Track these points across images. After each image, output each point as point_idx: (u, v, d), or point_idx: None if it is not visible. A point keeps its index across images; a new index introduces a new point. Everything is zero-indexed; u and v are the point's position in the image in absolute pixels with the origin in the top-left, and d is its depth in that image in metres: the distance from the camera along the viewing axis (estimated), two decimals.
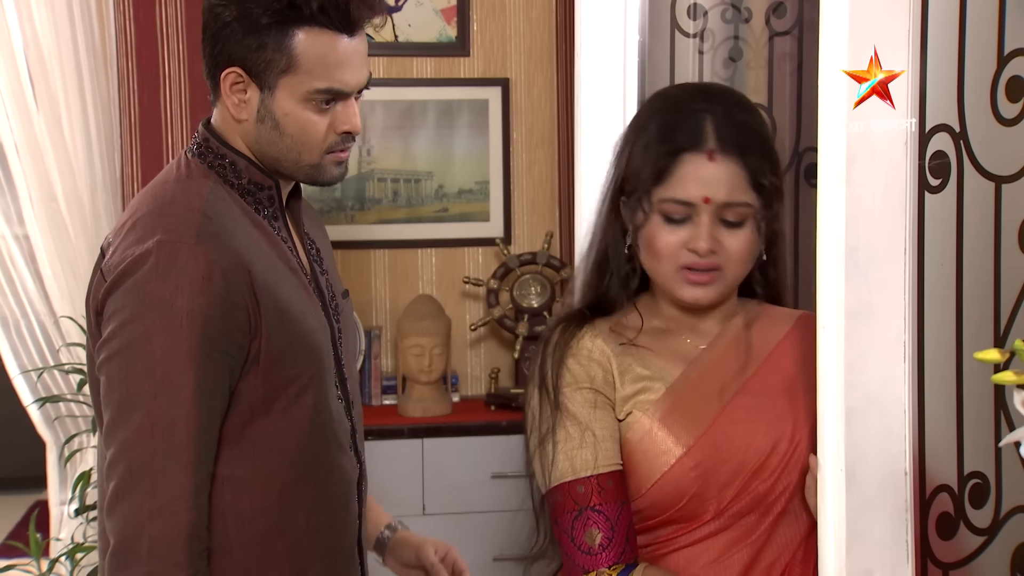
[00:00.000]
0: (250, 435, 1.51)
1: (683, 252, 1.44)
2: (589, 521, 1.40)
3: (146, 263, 1.43)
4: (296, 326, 1.53)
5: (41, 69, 3.01)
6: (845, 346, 1.30)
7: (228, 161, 1.57)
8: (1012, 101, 1.33)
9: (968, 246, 1.35)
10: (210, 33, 1.52)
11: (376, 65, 3.35)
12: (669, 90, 1.61)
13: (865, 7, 1.27)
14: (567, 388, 1.45)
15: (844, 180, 1.28)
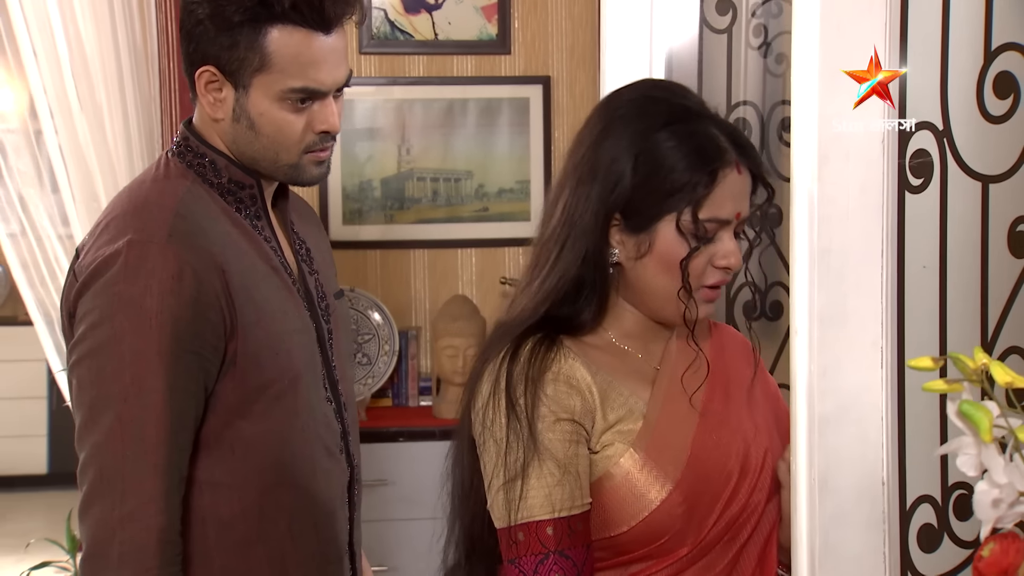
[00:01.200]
0: (229, 438, 1.51)
1: (710, 271, 1.38)
2: (556, 567, 1.31)
3: (116, 263, 1.43)
4: (275, 327, 1.53)
5: (84, 69, 3.06)
6: (818, 351, 1.27)
7: (208, 160, 1.56)
8: (1000, 98, 1.29)
9: (953, 248, 1.31)
10: (185, 31, 1.52)
11: (416, 63, 3.38)
12: (644, 91, 1.45)
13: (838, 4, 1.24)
14: (547, 417, 1.34)
15: (816, 179, 1.25)
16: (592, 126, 1.43)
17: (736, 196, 1.38)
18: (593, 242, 1.38)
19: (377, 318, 3.19)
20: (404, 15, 3.32)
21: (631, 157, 1.37)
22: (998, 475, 0.91)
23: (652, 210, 1.36)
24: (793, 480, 1.30)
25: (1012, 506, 0.92)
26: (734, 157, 1.37)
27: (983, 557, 0.91)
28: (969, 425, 0.91)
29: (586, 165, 1.40)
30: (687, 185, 1.35)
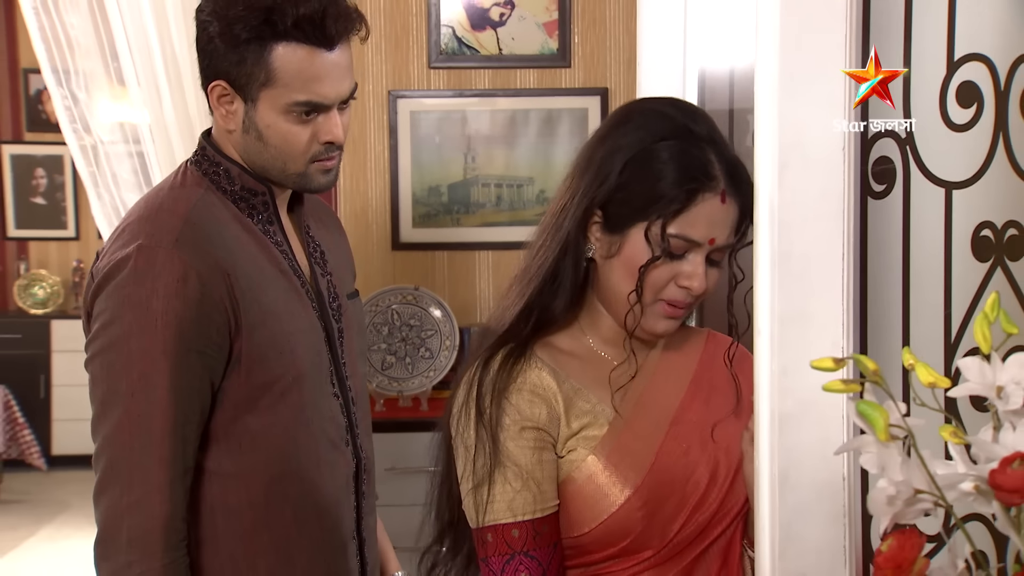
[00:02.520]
0: (236, 431, 1.53)
1: (671, 287, 1.35)
2: (521, 567, 1.31)
3: (126, 267, 1.46)
4: (281, 326, 1.54)
5: (179, 90, 3.13)
6: (779, 351, 1.24)
7: (222, 169, 1.58)
8: (963, 107, 1.25)
9: (916, 251, 1.27)
10: (199, 48, 1.54)
11: (482, 77, 3.39)
12: (658, 106, 1.43)
13: (798, 9, 1.21)
14: (510, 427, 1.33)
15: (776, 186, 1.22)
16: (603, 127, 1.42)
17: (713, 222, 1.34)
18: (572, 234, 1.36)
19: (438, 314, 3.21)
20: (471, 31, 3.34)
21: (622, 160, 1.35)
22: (894, 473, 0.88)
23: (628, 214, 1.34)
24: (756, 475, 1.27)
25: (910, 503, 0.89)
26: (722, 186, 1.34)
27: (882, 552, 0.88)
28: (867, 424, 0.88)
29: (584, 160, 1.39)
30: (664, 198, 1.32)
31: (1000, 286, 1.27)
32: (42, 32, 3.25)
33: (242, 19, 1.48)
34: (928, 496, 0.89)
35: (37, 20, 3.25)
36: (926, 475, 0.88)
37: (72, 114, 3.29)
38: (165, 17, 3.09)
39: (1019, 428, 0.89)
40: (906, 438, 0.89)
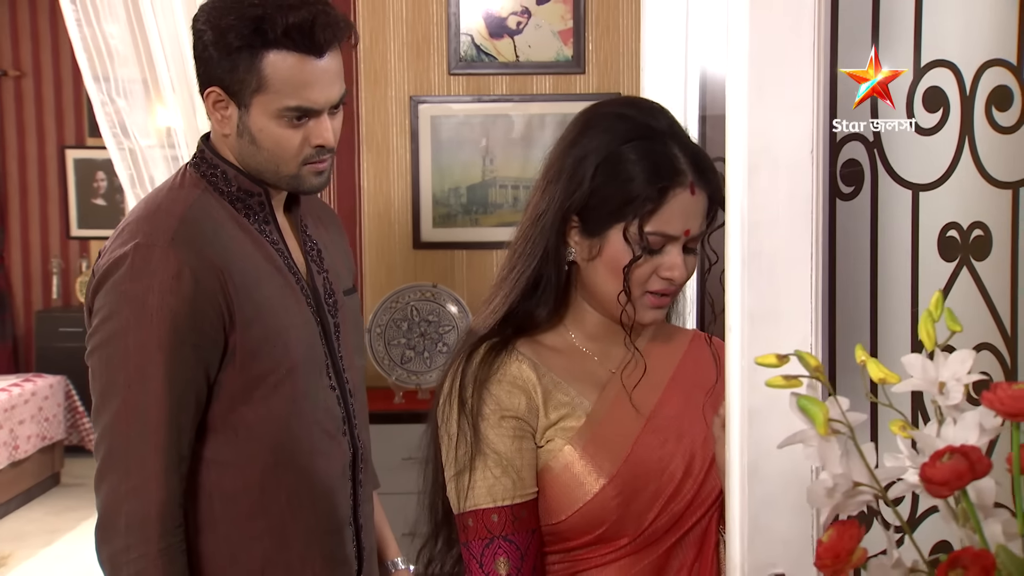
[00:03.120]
0: (232, 421, 1.53)
1: (654, 279, 1.35)
2: (500, 550, 1.31)
3: (124, 264, 1.47)
4: (274, 321, 1.54)
5: None
6: (749, 347, 1.23)
7: (220, 171, 1.58)
8: (930, 111, 1.24)
9: (884, 252, 1.26)
10: (195, 55, 1.54)
11: (499, 83, 3.40)
12: (617, 108, 1.42)
13: (767, 17, 1.20)
14: (491, 416, 1.34)
15: (746, 188, 1.22)
16: (567, 133, 1.41)
17: (686, 215, 1.34)
18: (552, 241, 1.36)
19: (454, 310, 3.23)
20: (489, 40, 3.35)
21: (593, 165, 1.34)
22: (833, 466, 0.87)
23: (604, 217, 1.34)
24: (728, 467, 1.27)
25: (851, 496, 0.89)
26: (690, 179, 1.34)
27: (822, 542, 0.88)
28: (807, 419, 0.88)
29: (554, 168, 1.38)
30: (638, 199, 1.32)
31: (966, 285, 1.26)
32: (84, 42, 3.30)
33: (234, 28, 1.49)
34: (868, 488, 0.88)
35: (79, 31, 3.30)
36: (865, 468, 0.87)
37: (112, 119, 3.34)
38: None
39: (960, 422, 0.88)
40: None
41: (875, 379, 0.97)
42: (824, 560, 0.86)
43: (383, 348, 3.30)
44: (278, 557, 1.57)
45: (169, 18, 3.08)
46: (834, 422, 0.87)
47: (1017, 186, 1.24)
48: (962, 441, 0.86)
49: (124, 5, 3.19)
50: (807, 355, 0.89)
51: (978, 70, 1.22)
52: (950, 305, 1.25)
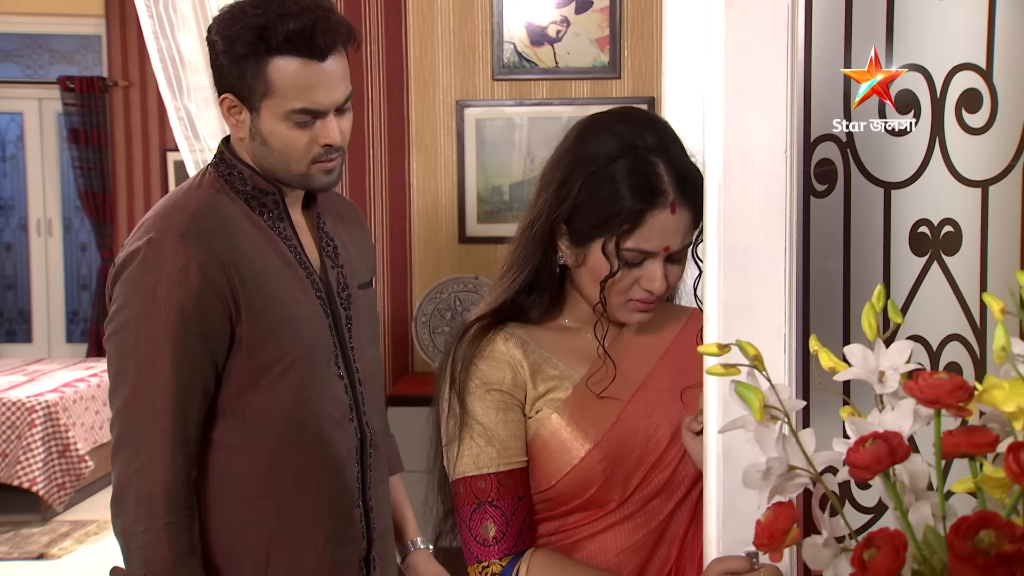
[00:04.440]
0: (240, 407, 1.54)
1: (636, 288, 1.34)
2: (486, 515, 1.32)
3: (137, 258, 1.48)
4: (281, 313, 1.54)
5: None
6: (724, 337, 1.22)
7: (236, 171, 1.58)
8: (902, 113, 1.21)
9: (857, 247, 1.24)
10: (210, 64, 1.55)
11: (540, 87, 3.39)
12: (610, 123, 1.38)
13: (742, 22, 1.18)
14: (477, 390, 1.34)
15: (722, 185, 1.20)
16: (562, 144, 1.40)
17: (665, 233, 1.32)
18: (544, 247, 1.36)
19: None
20: (530, 47, 3.34)
21: (580, 179, 1.33)
22: (769, 449, 0.86)
23: (587, 231, 1.33)
24: (704, 451, 1.26)
25: (788, 479, 0.88)
26: (671, 198, 1.31)
27: (760, 522, 0.87)
28: (745, 405, 0.87)
29: (547, 177, 1.38)
30: (617, 217, 1.30)
31: (937, 279, 1.24)
32: (159, 53, 3.36)
33: (240, 37, 1.48)
34: (804, 472, 0.87)
35: (156, 42, 3.35)
36: (801, 452, 0.86)
37: (184, 124, 3.39)
38: None
39: (896, 409, 0.87)
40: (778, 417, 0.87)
41: (825, 368, 0.95)
42: (761, 539, 0.86)
43: (428, 336, 3.31)
44: (283, 535, 1.57)
45: None
46: (771, 408, 0.86)
47: (986, 184, 1.22)
48: (897, 427, 0.85)
49: (195, 17, 3.25)
50: (746, 344, 0.88)
51: (948, 74, 1.20)
52: (921, 298, 1.25)
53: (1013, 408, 0.74)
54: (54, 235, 7.07)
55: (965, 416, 0.75)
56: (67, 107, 6.72)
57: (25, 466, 4.76)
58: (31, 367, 5.81)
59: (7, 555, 4.43)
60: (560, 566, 1.32)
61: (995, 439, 0.75)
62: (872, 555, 0.73)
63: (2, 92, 6.94)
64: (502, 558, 1.31)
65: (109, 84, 6.75)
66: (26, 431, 4.81)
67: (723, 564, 1.20)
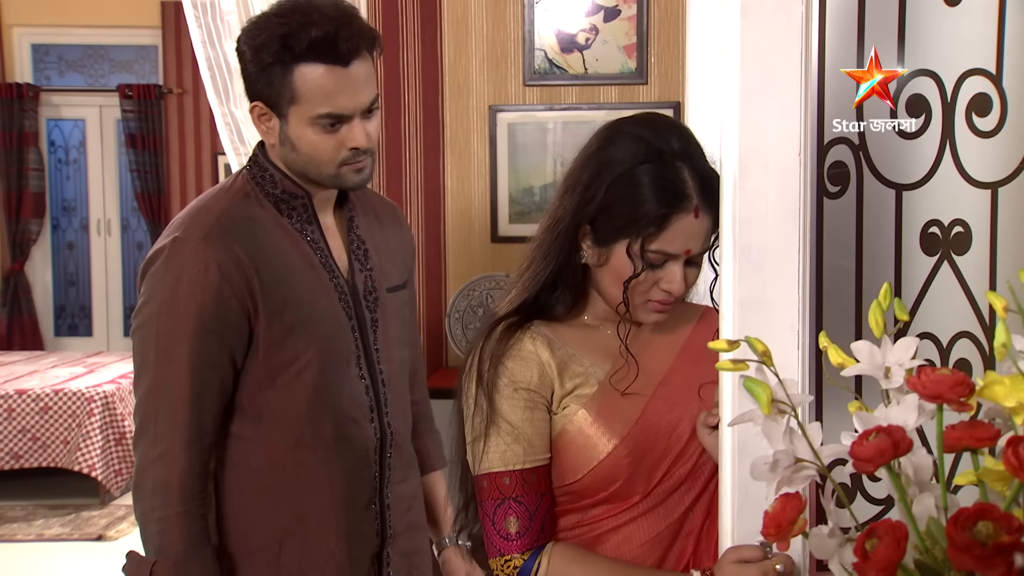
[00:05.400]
0: (258, 403, 1.53)
1: (655, 290, 1.33)
2: (510, 511, 1.31)
3: (162, 256, 1.48)
4: (300, 314, 1.52)
5: None
6: (739, 333, 1.21)
7: (268, 175, 1.57)
8: (912, 116, 1.20)
9: (868, 247, 1.22)
10: (241, 73, 1.53)
11: (570, 93, 3.38)
12: (636, 128, 1.36)
13: (757, 29, 1.17)
14: (505, 388, 1.32)
15: (738, 187, 1.19)
16: (589, 146, 1.38)
17: (687, 236, 1.30)
18: (567, 246, 1.35)
19: None
20: (560, 54, 3.33)
21: (606, 182, 1.31)
22: (776, 442, 0.86)
23: (612, 232, 1.31)
24: (720, 444, 1.25)
25: (796, 471, 0.87)
26: (695, 203, 1.30)
27: (768, 513, 0.86)
28: (753, 399, 0.86)
29: (573, 178, 1.36)
30: (643, 220, 1.29)
31: (947, 278, 1.22)
32: (208, 61, 3.38)
33: (265, 46, 1.47)
34: (811, 464, 0.86)
35: (204, 51, 3.38)
36: (807, 445, 0.85)
37: (231, 129, 3.42)
38: None
39: (901, 404, 0.85)
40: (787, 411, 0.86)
41: (834, 363, 0.95)
42: (768, 529, 0.85)
43: (460, 332, 3.32)
44: (296, 529, 1.56)
45: None
46: (779, 402, 0.85)
47: (996, 186, 1.20)
48: (903, 421, 0.83)
49: (240, 26, 3.27)
50: (755, 340, 0.87)
51: (959, 78, 1.18)
52: (932, 297, 1.23)
53: (1014, 403, 0.73)
54: (113, 235, 7.17)
55: (966, 411, 0.74)
56: (125, 113, 6.82)
57: (85, 453, 4.84)
58: (91, 359, 5.90)
59: (69, 536, 4.51)
60: (580, 559, 1.31)
61: (996, 433, 0.74)
62: (874, 545, 0.72)
63: (66, 100, 7.05)
64: (524, 552, 1.30)
65: (164, 91, 6.84)
66: (86, 420, 4.89)
67: (737, 553, 1.19)
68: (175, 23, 6.62)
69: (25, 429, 4.88)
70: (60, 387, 4.98)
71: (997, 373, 0.81)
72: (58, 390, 4.95)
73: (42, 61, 7.09)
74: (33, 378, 5.23)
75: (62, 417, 4.90)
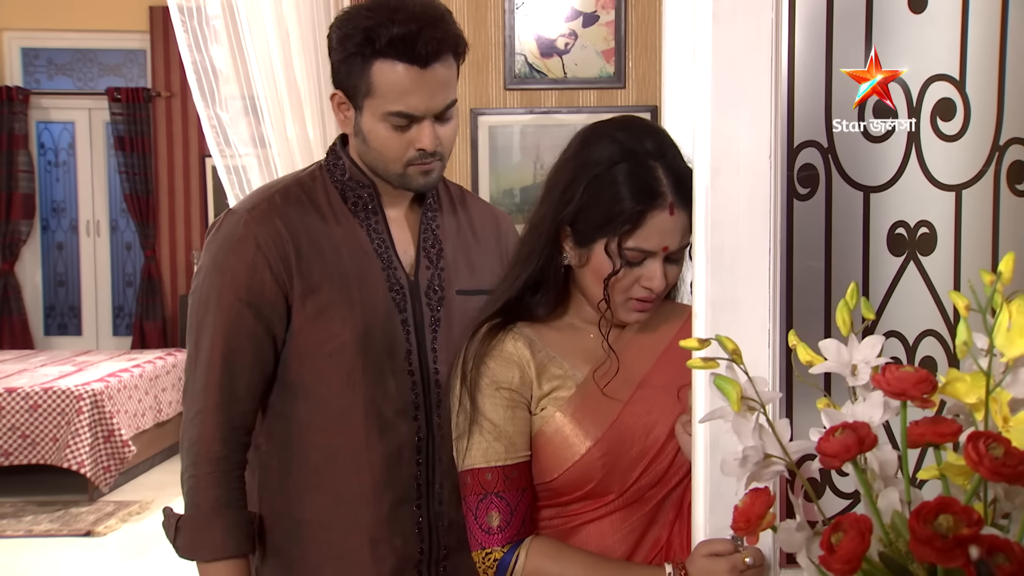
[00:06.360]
0: (295, 381, 1.53)
1: (636, 287, 1.32)
2: (492, 505, 1.31)
3: (215, 226, 1.53)
4: (337, 297, 1.50)
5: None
6: (711, 332, 1.20)
7: (340, 163, 1.57)
8: (879, 119, 1.20)
9: (837, 247, 1.22)
10: (329, 60, 1.53)
11: (549, 96, 3.38)
12: (611, 131, 1.35)
13: (728, 35, 1.17)
14: (487, 388, 1.33)
15: (709, 189, 1.19)
16: (567, 150, 1.38)
17: (664, 233, 1.30)
18: (548, 248, 1.34)
19: None
20: (540, 59, 3.33)
21: (583, 183, 1.31)
22: (746, 438, 0.86)
23: (590, 232, 1.31)
24: (693, 440, 1.25)
25: (764, 466, 0.87)
26: (669, 200, 1.29)
27: (738, 507, 0.86)
28: (723, 397, 0.86)
29: (552, 182, 1.36)
30: (618, 218, 1.29)
31: (913, 278, 1.23)
32: (194, 65, 3.37)
33: (350, 37, 1.46)
34: (779, 460, 0.86)
35: (191, 55, 3.37)
36: (776, 441, 0.85)
37: (216, 132, 3.41)
38: (289, 49, 3.18)
39: (868, 400, 0.86)
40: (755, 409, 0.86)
41: (803, 361, 0.95)
42: (738, 523, 0.85)
43: None
44: (328, 516, 1.55)
45: (263, 41, 3.13)
46: (748, 400, 0.85)
47: (960, 188, 1.21)
48: (868, 418, 0.84)
49: (226, 31, 3.26)
50: (725, 339, 0.87)
51: (924, 84, 1.19)
52: (898, 296, 1.24)
53: (974, 400, 0.73)
54: (102, 235, 7.12)
55: (929, 407, 0.75)
56: (114, 116, 6.77)
57: (74, 450, 4.80)
58: (80, 358, 5.86)
59: (57, 532, 4.47)
60: (557, 553, 1.31)
61: (958, 429, 0.74)
62: (839, 539, 0.72)
63: (56, 103, 7.00)
64: (504, 545, 1.30)
65: (153, 95, 6.80)
66: (74, 417, 4.85)
67: (709, 547, 1.19)
68: (163, 27, 6.58)
69: (15, 427, 4.84)
70: (49, 385, 4.94)
71: (960, 371, 0.82)
72: (47, 388, 4.90)
73: (32, 64, 7.03)
74: (23, 376, 5.19)
75: (51, 415, 4.86)
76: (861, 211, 1.21)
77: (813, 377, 0.93)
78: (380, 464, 1.54)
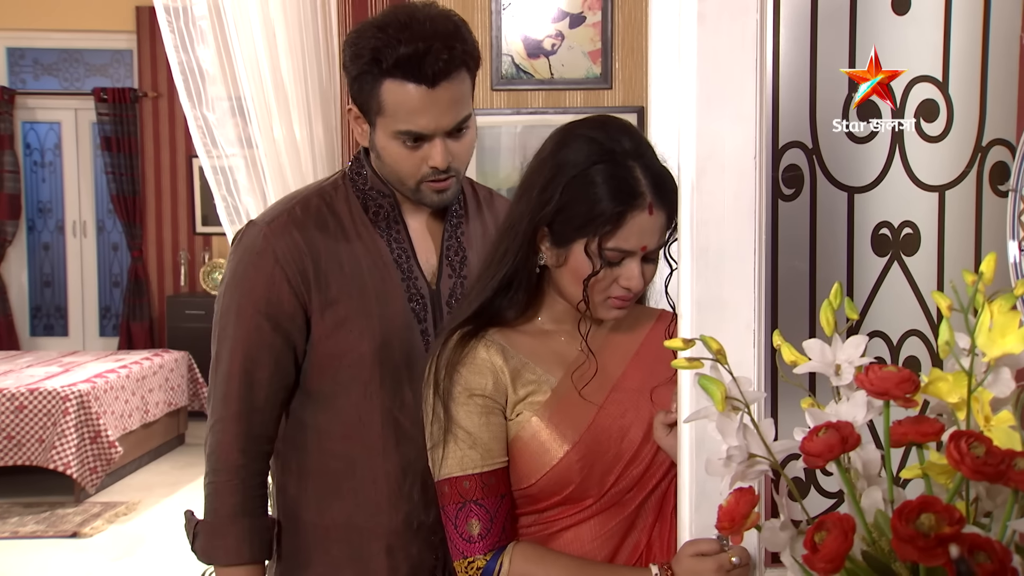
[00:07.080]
0: (313, 390, 1.53)
1: (615, 287, 1.31)
2: (471, 513, 1.29)
3: (237, 237, 1.54)
4: (353, 309, 1.50)
5: (285, 109, 3.19)
6: (697, 332, 1.21)
7: (363, 173, 1.57)
8: (863, 121, 1.21)
9: (822, 247, 1.23)
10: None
11: (536, 97, 3.38)
12: (587, 131, 1.34)
13: (713, 36, 1.17)
14: (460, 396, 1.31)
15: (695, 190, 1.19)
16: (543, 149, 1.37)
17: (643, 233, 1.29)
18: (524, 248, 1.33)
19: None
20: (527, 60, 3.33)
21: (562, 183, 1.30)
22: (730, 438, 0.86)
23: (570, 232, 1.30)
24: (678, 440, 1.25)
25: (749, 466, 0.87)
26: (648, 200, 1.28)
27: (722, 507, 0.86)
28: (708, 396, 0.86)
29: (528, 182, 1.35)
30: (598, 219, 1.28)
31: (897, 278, 1.23)
32: (180, 65, 3.35)
33: (361, 55, 1.44)
34: (763, 459, 0.86)
35: (177, 55, 3.35)
36: (760, 441, 0.85)
37: (203, 132, 3.39)
38: (276, 51, 3.17)
39: (851, 400, 0.86)
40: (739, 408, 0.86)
41: (788, 361, 0.95)
42: (723, 522, 0.85)
43: None
44: (344, 525, 1.55)
45: (249, 42, 3.11)
46: (733, 399, 0.85)
47: (943, 189, 1.21)
48: (852, 417, 0.84)
49: (213, 32, 3.24)
50: (710, 339, 0.87)
51: (908, 85, 1.19)
52: (882, 296, 1.24)
53: (956, 399, 0.73)
54: (88, 236, 7.09)
55: (912, 407, 0.75)
56: (100, 117, 6.74)
57: (60, 451, 4.77)
58: (66, 359, 5.82)
59: (43, 533, 4.44)
60: (541, 558, 1.30)
61: (941, 428, 0.75)
62: (823, 537, 0.72)
63: (42, 103, 6.96)
64: (486, 553, 1.29)
65: (139, 95, 6.78)
66: (61, 418, 4.82)
67: (695, 546, 1.19)
68: (150, 28, 6.56)
69: (0, 428, 4.81)
70: (35, 386, 4.91)
71: (943, 370, 0.82)
72: (33, 389, 4.87)
73: (17, 64, 6.99)
74: (8, 377, 5.15)
75: (37, 416, 4.83)
76: (845, 211, 1.22)
77: (797, 377, 0.93)
78: (396, 473, 1.53)
